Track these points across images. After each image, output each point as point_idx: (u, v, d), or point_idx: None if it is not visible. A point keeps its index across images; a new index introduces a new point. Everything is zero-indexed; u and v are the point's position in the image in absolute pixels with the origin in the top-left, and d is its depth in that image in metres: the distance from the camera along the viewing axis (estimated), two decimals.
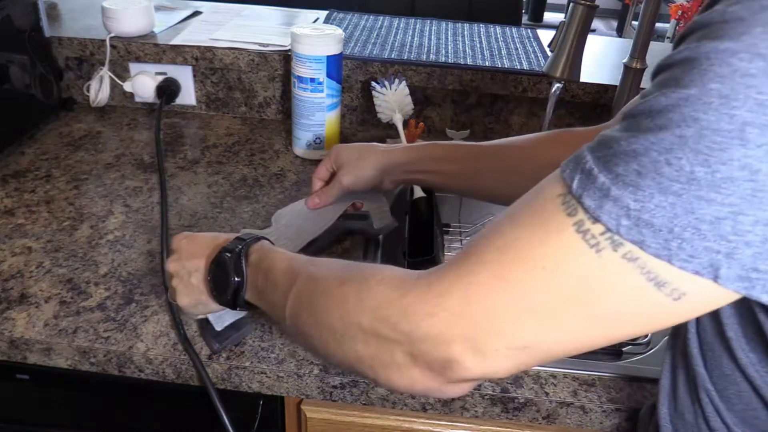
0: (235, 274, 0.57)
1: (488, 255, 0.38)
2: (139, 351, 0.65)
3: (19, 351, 0.67)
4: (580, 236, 0.34)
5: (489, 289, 0.37)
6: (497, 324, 0.37)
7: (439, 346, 0.39)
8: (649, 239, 0.32)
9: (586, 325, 0.36)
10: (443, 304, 0.39)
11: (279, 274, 0.54)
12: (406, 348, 0.41)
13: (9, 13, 0.95)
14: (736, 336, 0.42)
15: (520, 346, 0.38)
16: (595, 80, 1.09)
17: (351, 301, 0.45)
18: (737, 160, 0.30)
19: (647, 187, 0.32)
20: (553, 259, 0.35)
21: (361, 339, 0.44)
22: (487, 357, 0.38)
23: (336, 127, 1.03)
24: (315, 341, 0.49)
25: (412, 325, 0.40)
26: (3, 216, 0.85)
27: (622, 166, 0.33)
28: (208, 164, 1.01)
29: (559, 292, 0.35)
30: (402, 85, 1.02)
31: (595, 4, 0.84)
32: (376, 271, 0.45)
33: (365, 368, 0.45)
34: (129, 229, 0.84)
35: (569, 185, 0.35)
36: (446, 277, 0.40)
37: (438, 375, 0.41)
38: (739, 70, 0.30)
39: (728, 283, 0.32)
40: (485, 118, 1.15)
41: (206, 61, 1.11)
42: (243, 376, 0.66)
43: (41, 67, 1.03)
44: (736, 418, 0.45)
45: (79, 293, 0.72)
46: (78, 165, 0.98)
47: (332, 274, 0.49)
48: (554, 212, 0.35)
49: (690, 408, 0.49)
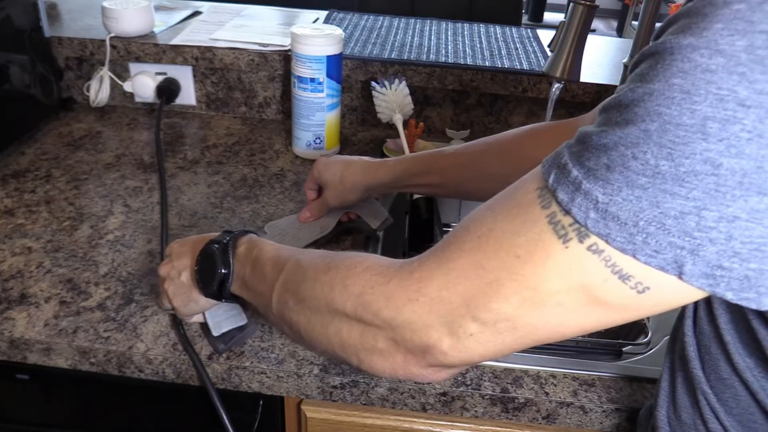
0: (222, 266, 0.58)
1: (467, 243, 0.39)
2: (139, 351, 0.65)
3: (19, 351, 0.67)
4: (551, 227, 0.35)
5: (466, 275, 0.39)
6: (472, 309, 0.38)
7: (418, 332, 0.41)
8: (614, 232, 0.33)
9: (556, 313, 0.37)
10: (423, 290, 0.40)
11: (266, 264, 0.54)
12: (388, 334, 0.42)
13: (9, 13, 0.95)
14: (733, 340, 0.42)
15: (492, 331, 0.39)
16: (595, 80, 1.09)
17: (336, 287, 0.46)
18: (699, 154, 0.30)
19: (615, 181, 0.32)
20: (527, 249, 0.36)
21: (345, 325, 0.45)
22: (462, 341, 0.39)
23: (336, 127, 1.03)
24: (301, 328, 0.49)
25: (393, 311, 0.41)
26: (3, 216, 0.85)
27: (593, 161, 0.34)
28: (208, 164, 1.01)
29: (530, 280, 0.36)
30: (402, 85, 1.02)
31: (595, 4, 0.84)
32: (362, 258, 0.46)
33: (349, 354, 0.46)
34: (129, 229, 0.84)
35: (546, 179, 0.36)
36: (427, 263, 0.41)
37: (419, 360, 0.42)
38: (699, 65, 0.30)
39: (693, 280, 0.32)
40: (485, 118, 1.15)
41: (206, 61, 1.11)
42: (243, 376, 0.66)
43: (41, 67, 1.03)
44: (734, 421, 0.45)
45: (79, 293, 0.72)
46: (78, 165, 0.98)
47: (320, 261, 0.49)
48: (530, 205, 0.37)
49: (688, 410, 0.49)
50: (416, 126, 1.05)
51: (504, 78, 1.09)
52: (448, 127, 1.16)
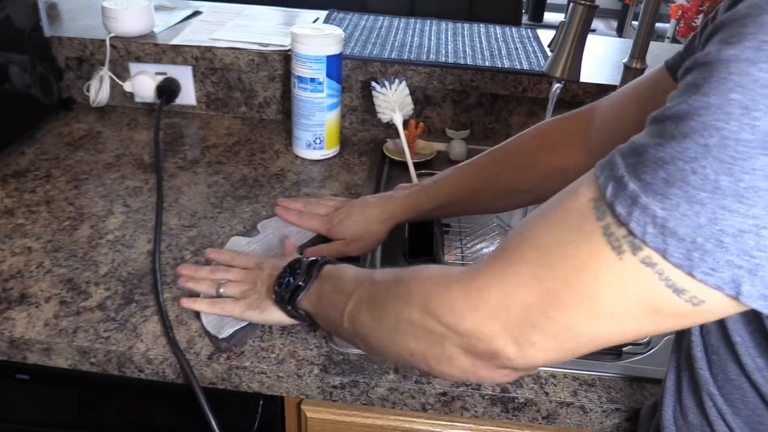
0: (304, 276, 0.61)
1: (524, 252, 0.40)
2: (139, 351, 0.65)
3: (19, 351, 0.67)
4: (606, 239, 0.35)
5: (524, 285, 0.39)
6: (531, 318, 0.39)
7: (483, 339, 0.42)
8: (672, 248, 0.32)
9: (613, 323, 0.37)
10: (483, 298, 0.41)
11: (344, 280, 0.58)
12: (454, 341, 0.44)
13: (9, 13, 0.95)
14: (743, 341, 0.42)
15: (553, 339, 0.40)
16: (595, 80, 1.09)
17: (402, 296, 0.48)
18: (761, 170, 0.30)
19: (674, 196, 0.32)
20: (582, 260, 0.37)
21: (412, 333, 0.46)
22: (525, 349, 0.40)
23: (336, 127, 1.03)
24: (372, 339, 0.51)
25: (456, 319, 0.43)
26: (3, 216, 0.85)
27: (650, 174, 0.33)
28: (208, 164, 1.01)
29: (585, 290, 0.37)
30: (402, 85, 1.02)
31: (595, 4, 0.84)
32: (426, 268, 0.49)
33: (419, 362, 0.47)
34: (129, 229, 0.84)
35: (603, 192, 0.36)
36: (486, 271, 0.42)
37: (487, 365, 0.43)
38: (759, 80, 0.30)
39: (750, 301, 0.32)
40: (485, 118, 1.15)
41: (206, 61, 1.11)
42: (243, 376, 0.65)
43: (41, 67, 1.03)
44: (741, 422, 0.45)
45: (79, 293, 0.72)
46: (78, 165, 0.98)
47: (390, 275, 0.52)
48: (585, 216, 0.37)
49: (695, 410, 0.48)
50: (416, 126, 1.06)
51: (504, 78, 1.09)
52: (448, 127, 1.16)
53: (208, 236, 0.83)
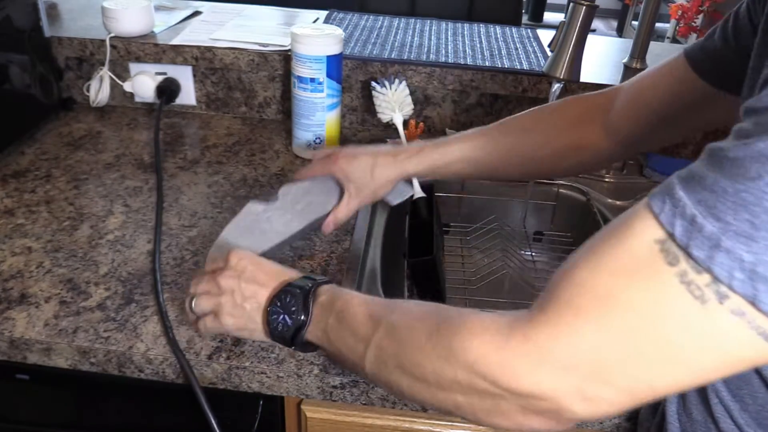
0: (302, 312, 0.55)
1: (586, 304, 0.37)
2: (139, 351, 0.65)
3: (19, 351, 0.67)
4: (685, 287, 0.33)
5: (593, 341, 0.37)
6: (603, 375, 0.37)
7: (546, 399, 0.39)
8: (762, 294, 0.31)
9: (690, 371, 0.36)
10: (546, 359, 0.38)
11: (357, 319, 0.52)
12: (510, 400, 0.40)
13: (9, 13, 0.95)
14: None
15: (628, 394, 0.37)
16: (595, 80, 1.09)
17: (443, 357, 0.43)
18: None
19: (762, 239, 0.30)
20: (656, 309, 0.34)
21: (459, 391, 0.43)
22: (595, 403, 0.38)
23: (336, 127, 1.03)
24: (404, 389, 0.48)
25: (513, 382, 0.39)
26: (3, 216, 0.85)
27: (731, 215, 0.31)
28: (208, 164, 1.01)
29: (662, 341, 0.35)
30: (402, 85, 1.02)
31: (595, 4, 0.84)
32: (464, 319, 0.44)
33: (466, 414, 0.44)
34: (129, 229, 0.84)
35: (670, 232, 0.34)
36: (542, 326, 0.39)
37: (548, 419, 0.40)
38: None
39: None
40: (485, 118, 1.15)
41: (206, 61, 1.11)
42: (243, 376, 0.65)
43: (41, 67, 1.03)
44: (749, 418, 0.44)
45: (79, 293, 0.72)
46: (78, 165, 0.98)
47: (418, 324, 0.47)
48: (654, 260, 0.34)
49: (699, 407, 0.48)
50: (416, 126, 1.05)
51: (504, 78, 1.09)
52: (448, 127, 1.16)
53: (208, 236, 0.83)
